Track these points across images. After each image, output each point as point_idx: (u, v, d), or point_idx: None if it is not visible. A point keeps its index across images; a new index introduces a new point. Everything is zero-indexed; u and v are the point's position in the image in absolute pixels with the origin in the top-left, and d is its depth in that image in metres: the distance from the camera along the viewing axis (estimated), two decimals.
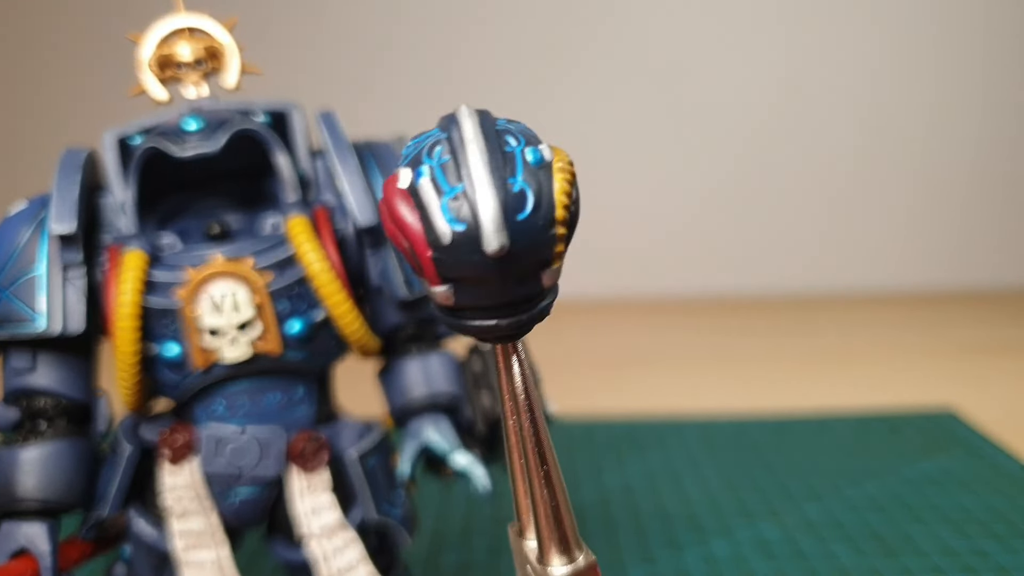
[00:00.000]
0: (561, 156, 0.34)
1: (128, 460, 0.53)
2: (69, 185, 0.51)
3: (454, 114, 0.34)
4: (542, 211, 0.32)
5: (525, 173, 0.33)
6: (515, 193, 0.32)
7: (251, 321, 0.50)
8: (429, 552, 0.70)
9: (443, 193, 0.32)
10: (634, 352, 1.34)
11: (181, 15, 0.53)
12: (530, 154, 0.33)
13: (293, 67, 1.50)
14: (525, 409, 0.38)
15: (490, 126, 0.34)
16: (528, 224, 0.32)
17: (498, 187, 0.32)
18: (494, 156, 0.32)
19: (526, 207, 0.32)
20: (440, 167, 0.33)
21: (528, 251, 0.33)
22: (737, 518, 0.75)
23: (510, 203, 0.32)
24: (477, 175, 0.32)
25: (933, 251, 1.65)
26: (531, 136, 0.34)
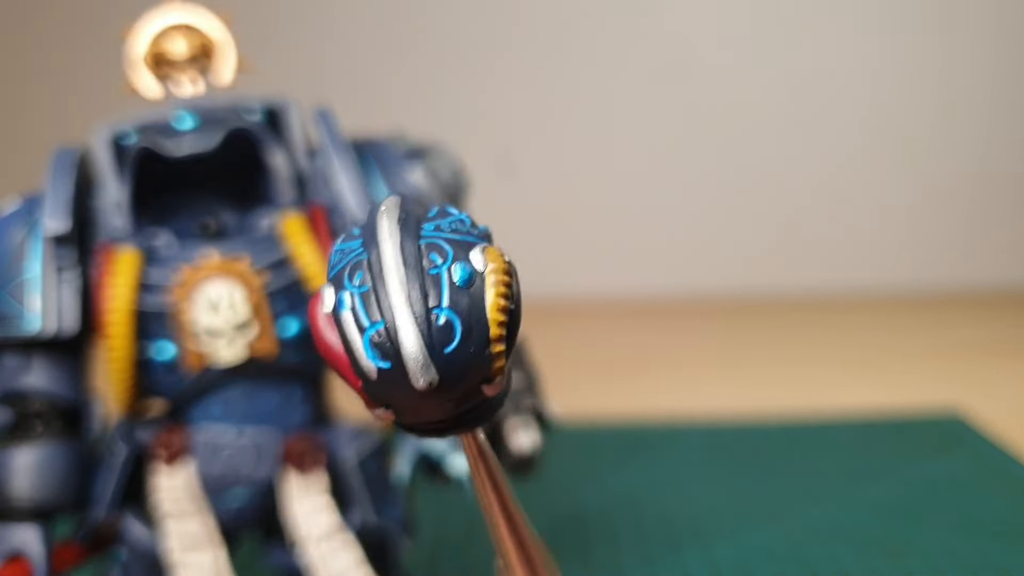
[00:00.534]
0: (494, 258, 0.31)
1: (123, 462, 0.52)
2: (62, 184, 0.50)
3: (374, 224, 0.32)
4: (473, 336, 0.31)
5: (451, 297, 0.30)
6: (440, 325, 0.30)
7: (247, 322, 0.50)
8: (429, 556, 0.69)
9: (364, 330, 0.30)
10: (635, 354, 1.33)
11: (175, 10, 0.52)
12: (457, 271, 0.31)
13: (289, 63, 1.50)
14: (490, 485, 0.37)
15: (411, 243, 0.31)
16: (458, 354, 0.30)
17: (420, 322, 0.30)
18: (414, 285, 0.30)
19: (454, 338, 0.30)
20: (361, 296, 0.31)
21: (461, 378, 0.31)
22: (739, 521, 0.75)
23: (436, 337, 0.30)
24: (397, 311, 0.30)
25: (939, 251, 1.65)
26: (460, 240, 0.32)
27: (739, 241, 1.68)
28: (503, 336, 0.31)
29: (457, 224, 0.33)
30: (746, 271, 1.67)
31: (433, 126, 0.76)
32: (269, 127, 0.53)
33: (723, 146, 1.66)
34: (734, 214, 1.68)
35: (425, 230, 0.32)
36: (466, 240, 0.32)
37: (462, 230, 0.33)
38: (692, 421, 0.99)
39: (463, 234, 0.32)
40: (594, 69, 1.66)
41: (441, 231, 0.32)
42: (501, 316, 0.31)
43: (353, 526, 0.52)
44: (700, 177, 1.68)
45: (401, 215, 0.32)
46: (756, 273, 1.67)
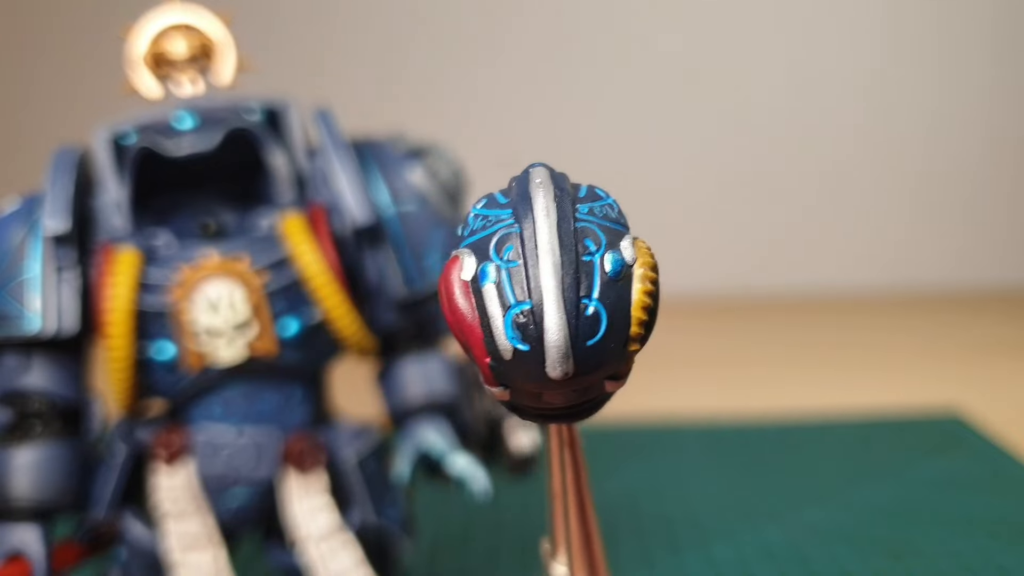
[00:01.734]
0: (643, 253, 0.30)
1: (123, 462, 0.52)
2: (62, 184, 0.50)
3: (529, 197, 0.30)
4: (615, 332, 0.30)
5: (601, 289, 0.29)
6: (588, 317, 0.29)
7: (247, 321, 0.50)
8: (428, 556, 0.69)
9: (508, 307, 0.29)
10: None
11: (175, 10, 0.52)
12: (609, 262, 0.30)
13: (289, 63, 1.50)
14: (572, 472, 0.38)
15: (567, 225, 0.30)
16: (599, 348, 0.29)
17: (570, 312, 0.29)
18: (568, 271, 0.29)
19: (599, 331, 0.29)
20: (508, 272, 0.29)
21: (595, 372, 0.30)
22: (739, 521, 0.75)
23: (581, 329, 0.29)
24: (547, 295, 0.29)
25: (939, 251, 1.65)
26: (612, 227, 0.31)
27: (739, 241, 1.68)
28: (642, 335, 0.31)
29: (607, 209, 0.32)
30: (746, 271, 1.67)
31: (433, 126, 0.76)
32: (269, 127, 0.53)
33: (722, 147, 1.66)
34: (734, 214, 1.68)
35: (579, 212, 0.31)
36: (616, 228, 0.31)
37: (611, 216, 0.31)
38: (692, 421, 0.99)
39: (613, 221, 0.31)
40: (595, 70, 1.66)
41: (594, 215, 0.31)
42: (643, 315, 0.30)
43: (353, 526, 0.52)
44: (700, 177, 1.68)
45: (556, 192, 0.31)
46: (756, 273, 1.67)
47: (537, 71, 1.67)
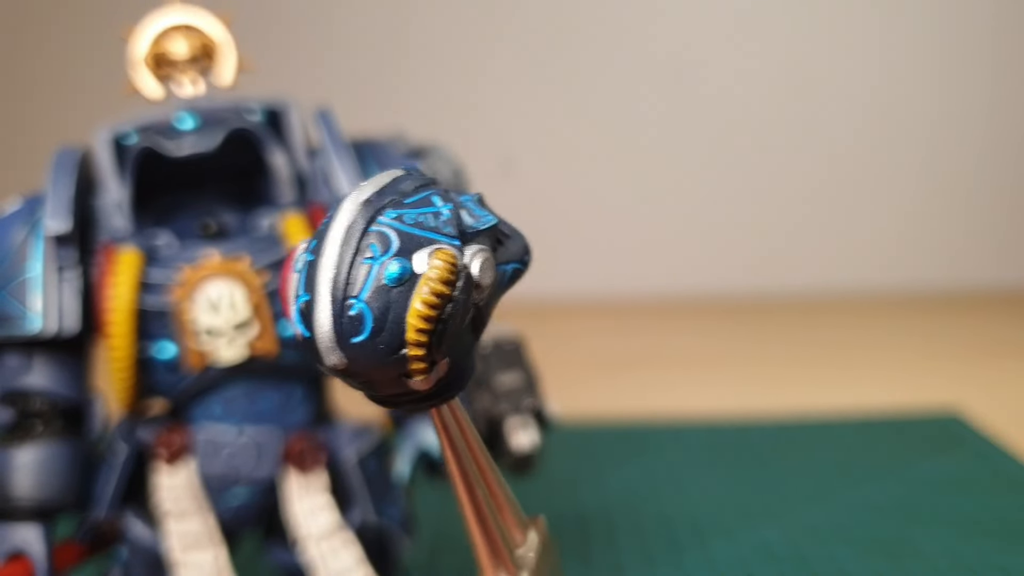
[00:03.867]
0: (439, 267, 0.31)
1: (124, 462, 0.52)
2: (64, 184, 0.50)
3: (338, 203, 0.32)
4: (384, 335, 0.31)
5: (372, 293, 0.31)
6: (352, 315, 0.31)
7: (248, 321, 0.50)
8: (428, 556, 0.69)
9: (297, 297, 0.32)
10: (634, 354, 1.33)
11: (176, 11, 0.52)
12: (392, 267, 0.31)
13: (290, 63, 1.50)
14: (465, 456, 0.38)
15: (361, 226, 0.31)
16: (365, 347, 0.31)
17: (335, 308, 0.31)
18: (343, 270, 0.31)
19: (363, 331, 0.31)
20: (305, 265, 0.32)
21: (372, 370, 0.31)
22: (738, 521, 0.75)
23: (345, 326, 0.31)
24: (320, 291, 0.31)
25: (939, 251, 1.65)
26: (416, 234, 0.32)
27: (739, 241, 1.68)
28: (423, 342, 0.31)
29: (427, 217, 0.32)
30: (746, 271, 1.67)
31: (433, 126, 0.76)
32: (270, 127, 0.53)
33: (722, 147, 1.66)
34: (734, 214, 1.68)
35: (385, 216, 0.32)
36: (423, 236, 0.32)
37: (428, 224, 0.32)
38: (692, 421, 0.99)
39: (427, 229, 0.32)
40: (595, 70, 1.66)
41: (403, 221, 0.32)
42: (421, 323, 0.31)
43: (353, 525, 0.52)
44: (700, 177, 1.68)
45: (373, 195, 0.32)
46: (756, 273, 1.67)
47: (537, 71, 1.67)
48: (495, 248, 0.34)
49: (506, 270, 0.35)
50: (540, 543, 0.41)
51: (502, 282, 0.35)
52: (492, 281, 0.33)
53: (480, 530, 0.39)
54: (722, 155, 1.67)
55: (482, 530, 0.39)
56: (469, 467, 0.38)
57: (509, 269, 0.35)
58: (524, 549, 0.41)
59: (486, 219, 0.34)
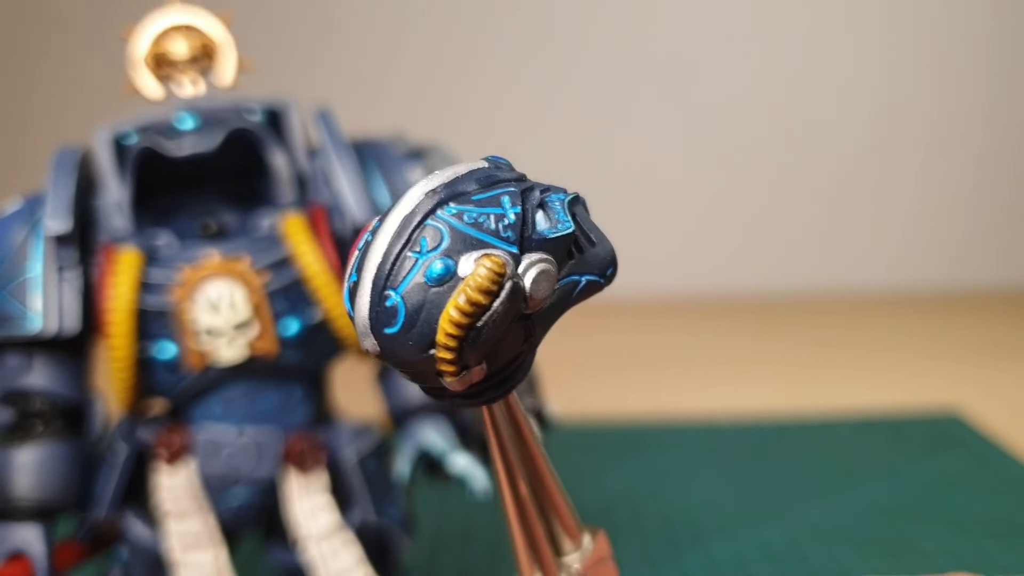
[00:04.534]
0: (483, 275, 0.30)
1: (124, 462, 0.52)
2: (64, 184, 0.50)
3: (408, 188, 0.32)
4: (414, 332, 0.30)
5: (410, 288, 0.30)
6: (387, 307, 0.30)
7: (248, 321, 0.50)
8: (428, 556, 0.69)
9: (349, 276, 0.32)
10: (635, 354, 1.33)
11: (177, 11, 0.52)
12: (436, 265, 0.30)
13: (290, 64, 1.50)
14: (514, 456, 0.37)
15: (411, 218, 0.31)
16: (396, 340, 0.31)
17: (374, 296, 0.31)
18: (387, 260, 0.31)
19: (395, 324, 0.30)
20: (362, 247, 0.32)
21: (403, 363, 0.31)
22: (739, 521, 0.75)
23: (380, 316, 0.31)
24: (365, 275, 0.31)
25: (939, 251, 1.65)
26: (469, 235, 0.31)
27: (739, 241, 1.68)
28: (452, 346, 0.30)
29: (488, 218, 0.31)
30: (746, 271, 1.67)
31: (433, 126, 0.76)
32: (270, 127, 0.53)
33: (722, 147, 1.66)
34: (734, 214, 1.68)
35: (444, 210, 0.31)
36: (478, 237, 0.31)
37: (487, 226, 0.31)
38: (692, 421, 0.99)
39: (484, 231, 0.31)
40: (595, 70, 1.66)
41: (461, 218, 0.31)
42: (452, 328, 0.30)
43: (353, 525, 0.52)
44: (700, 178, 1.68)
45: (441, 185, 0.32)
46: (756, 273, 1.67)
47: (537, 71, 1.67)
48: (571, 256, 0.33)
49: (578, 281, 0.33)
50: (593, 555, 0.41)
51: (570, 293, 0.33)
52: (548, 294, 0.32)
53: (520, 528, 0.39)
54: (722, 155, 1.67)
55: (522, 528, 0.39)
56: (516, 465, 0.38)
57: (583, 280, 0.33)
58: (572, 558, 0.40)
59: (564, 226, 0.32)
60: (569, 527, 0.40)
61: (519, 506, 0.38)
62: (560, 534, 0.40)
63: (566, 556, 0.40)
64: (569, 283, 0.33)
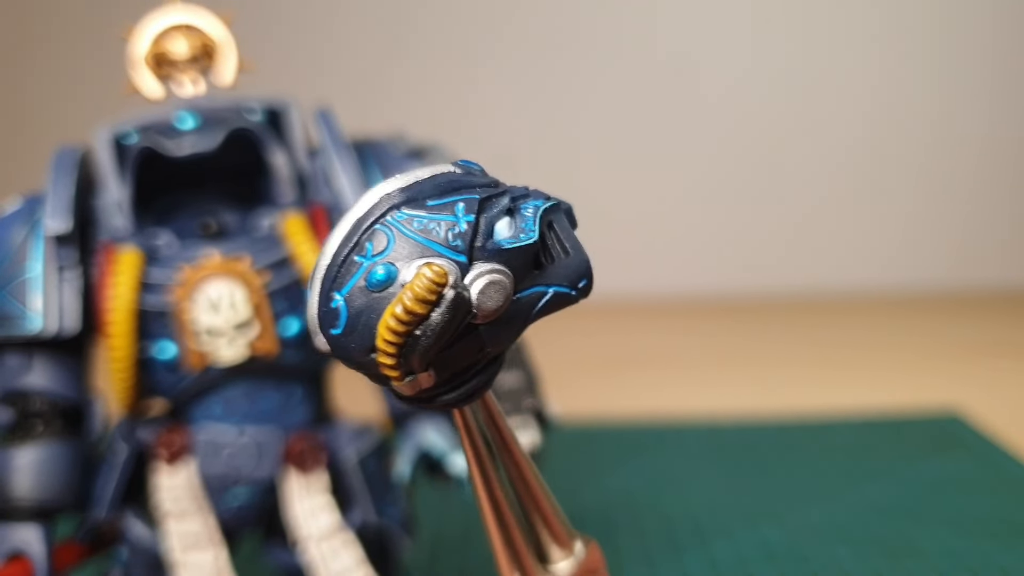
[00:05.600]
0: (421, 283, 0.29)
1: (124, 462, 0.52)
2: (64, 184, 0.50)
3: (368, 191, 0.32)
4: (355, 335, 0.31)
5: (353, 292, 0.30)
6: (332, 308, 0.31)
7: (248, 321, 0.50)
8: (428, 556, 0.69)
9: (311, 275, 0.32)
10: (635, 354, 1.33)
11: (177, 11, 0.52)
12: (379, 270, 0.30)
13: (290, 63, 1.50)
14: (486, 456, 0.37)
15: (362, 222, 0.31)
16: (341, 341, 0.31)
17: (321, 297, 0.31)
18: (335, 262, 0.31)
19: (338, 326, 0.31)
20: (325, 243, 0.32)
21: (351, 363, 0.32)
22: (739, 521, 0.75)
23: (325, 316, 0.31)
24: (315, 275, 0.31)
25: (939, 251, 1.65)
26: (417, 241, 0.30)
27: (739, 241, 1.68)
28: (390, 352, 0.30)
29: (438, 226, 0.31)
30: (746, 271, 1.67)
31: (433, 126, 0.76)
32: (270, 127, 0.53)
33: (723, 147, 1.66)
34: (734, 214, 1.68)
35: (396, 215, 0.31)
36: (423, 245, 0.31)
37: (435, 234, 0.31)
38: (692, 421, 0.99)
39: (430, 238, 0.31)
40: (595, 70, 1.66)
41: (410, 224, 0.31)
42: (389, 335, 0.30)
43: (353, 525, 0.52)
44: (700, 177, 1.68)
45: (397, 190, 0.31)
46: (756, 273, 1.67)
47: (537, 71, 1.67)
48: (537, 266, 0.32)
49: (544, 292, 0.32)
50: (584, 565, 0.40)
51: (533, 305, 0.32)
52: (499, 305, 0.31)
53: (499, 534, 0.38)
54: (722, 155, 1.67)
55: (501, 534, 0.38)
56: (491, 469, 0.37)
57: (550, 291, 0.33)
58: (561, 566, 0.40)
59: (527, 236, 0.32)
60: (558, 534, 0.40)
61: (496, 512, 0.38)
62: (548, 541, 0.40)
63: (554, 564, 0.40)
64: (533, 294, 0.32)
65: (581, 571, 0.40)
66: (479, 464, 0.37)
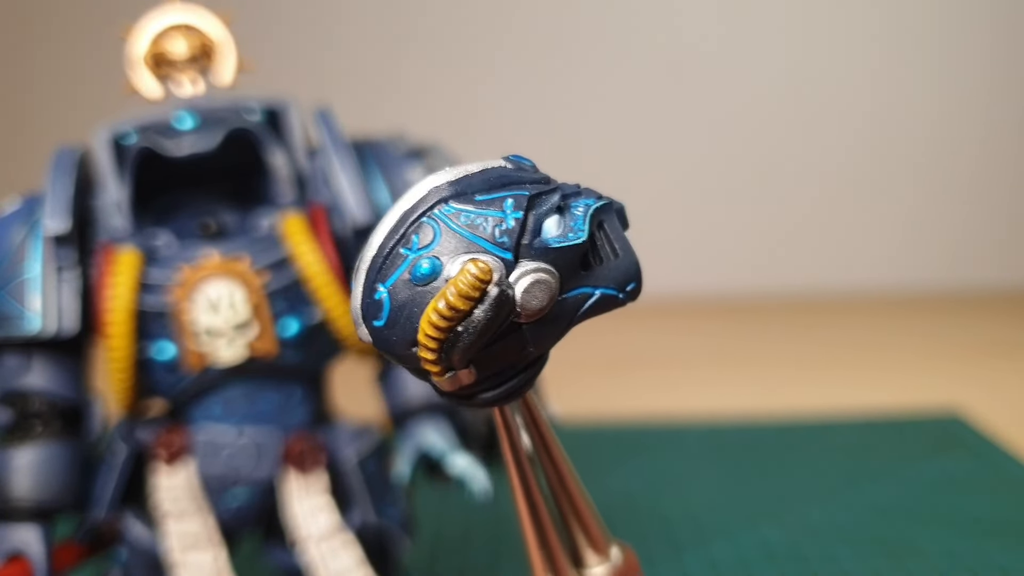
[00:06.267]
0: (465, 280, 0.29)
1: (123, 462, 0.52)
2: (63, 184, 0.50)
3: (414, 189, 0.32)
4: (397, 328, 0.31)
5: (397, 285, 0.30)
6: (375, 300, 0.31)
7: (248, 321, 0.50)
8: (428, 557, 0.69)
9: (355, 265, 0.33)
10: (635, 354, 1.33)
11: (176, 11, 0.52)
12: (423, 264, 0.30)
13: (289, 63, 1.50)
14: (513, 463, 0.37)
15: (407, 215, 0.31)
16: (383, 333, 0.31)
17: (366, 288, 0.31)
18: (381, 254, 0.31)
19: (381, 318, 0.31)
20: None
21: (393, 355, 0.32)
22: (739, 521, 0.75)
23: (369, 307, 0.31)
24: (361, 266, 0.31)
25: (938, 251, 1.65)
26: (463, 236, 0.30)
27: (739, 241, 1.68)
28: (432, 348, 0.30)
29: (485, 221, 0.31)
30: (745, 271, 1.67)
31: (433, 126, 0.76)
32: (269, 127, 0.53)
33: (722, 147, 1.66)
34: (734, 214, 1.68)
35: (444, 209, 0.31)
36: (469, 240, 0.30)
37: (482, 229, 0.30)
38: (692, 421, 0.99)
39: (478, 234, 0.30)
40: (594, 69, 1.66)
41: (457, 219, 0.31)
42: (431, 330, 0.30)
43: (353, 526, 0.52)
44: (700, 177, 1.68)
45: (447, 183, 0.31)
46: (756, 273, 1.67)
47: (538, 71, 1.67)
48: (585, 267, 0.32)
49: (591, 293, 0.32)
50: (618, 571, 0.40)
51: (580, 306, 0.32)
52: (544, 305, 0.31)
53: (535, 536, 0.38)
54: (721, 155, 1.66)
55: (537, 536, 0.38)
56: (528, 469, 0.37)
57: (597, 293, 0.32)
58: (598, 571, 0.40)
59: (575, 236, 0.31)
60: (595, 538, 0.40)
61: (533, 512, 0.38)
62: (583, 545, 0.40)
63: (590, 568, 0.40)
64: (580, 295, 0.32)
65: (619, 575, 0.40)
66: (517, 464, 0.37)
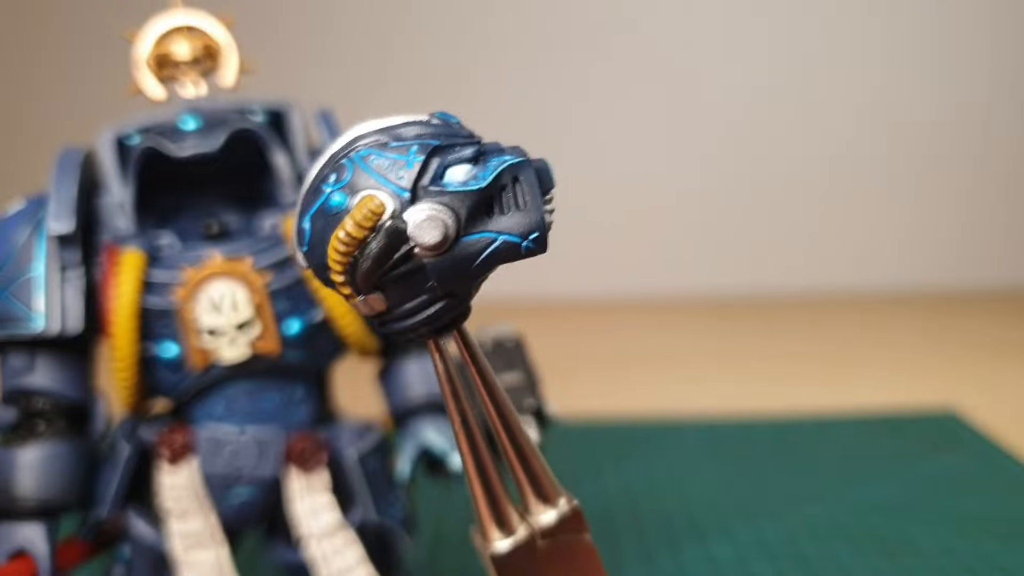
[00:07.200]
0: (361, 209, 0.33)
1: (127, 461, 0.52)
2: (67, 185, 0.50)
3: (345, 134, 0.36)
4: (316, 253, 0.35)
5: (315, 215, 0.35)
6: (302, 227, 0.35)
7: (250, 321, 0.50)
8: (429, 555, 0.70)
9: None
10: (634, 352, 1.33)
11: (179, 13, 0.52)
12: (336, 197, 0.34)
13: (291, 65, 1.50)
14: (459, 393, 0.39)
15: (335, 155, 0.35)
16: (308, 257, 0.36)
17: (298, 218, 0.36)
18: (310, 188, 0.35)
19: (304, 244, 0.35)
20: None
21: (319, 278, 0.36)
22: (738, 519, 0.75)
23: (298, 236, 0.36)
24: (298, 200, 0.36)
25: (937, 250, 1.65)
26: (372, 176, 0.34)
27: (738, 241, 1.68)
28: (340, 271, 0.34)
29: (391, 163, 0.34)
30: (746, 271, 1.67)
31: None
32: (272, 128, 0.54)
33: (722, 147, 1.66)
34: (734, 214, 1.68)
35: (361, 152, 0.35)
36: (375, 178, 0.34)
37: (385, 169, 0.34)
38: (691, 419, 1.00)
39: (381, 174, 0.34)
40: (594, 70, 1.66)
41: (368, 161, 0.35)
42: (335, 254, 0.34)
43: (354, 524, 0.53)
44: (700, 177, 1.68)
45: (371, 131, 0.36)
46: (756, 273, 1.67)
47: (537, 70, 1.67)
48: (488, 214, 0.35)
49: (493, 238, 0.34)
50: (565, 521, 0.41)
51: (482, 249, 0.34)
52: (438, 241, 0.33)
53: (477, 477, 0.40)
54: (721, 155, 1.67)
55: (481, 481, 0.40)
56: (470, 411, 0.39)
57: (499, 239, 0.35)
58: (544, 516, 0.41)
59: (475, 183, 0.34)
60: (542, 485, 0.41)
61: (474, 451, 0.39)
62: (528, 492, 0.41)
63: (534, 516, 0.40)
64: (482, 239, 0.34)
65: (564, 526, 0.41)
66: (455, 402, 0.39)
